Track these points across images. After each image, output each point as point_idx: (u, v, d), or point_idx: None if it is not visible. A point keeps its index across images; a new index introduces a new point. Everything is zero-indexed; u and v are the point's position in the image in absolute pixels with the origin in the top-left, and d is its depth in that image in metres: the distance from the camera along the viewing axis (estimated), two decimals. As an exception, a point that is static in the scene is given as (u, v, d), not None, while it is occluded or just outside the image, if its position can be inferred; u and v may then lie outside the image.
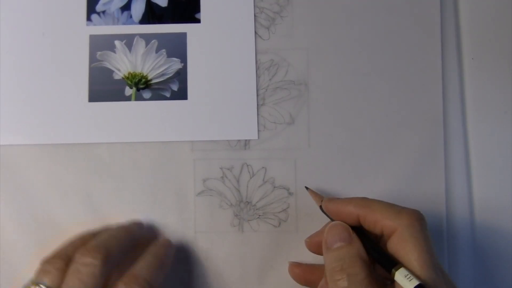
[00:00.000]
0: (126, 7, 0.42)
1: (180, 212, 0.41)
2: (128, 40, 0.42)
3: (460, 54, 0.43)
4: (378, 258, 0.32)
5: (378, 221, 0.33)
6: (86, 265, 0.34)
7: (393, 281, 0.31)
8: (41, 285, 0.34)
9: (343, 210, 0.35)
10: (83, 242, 0.37)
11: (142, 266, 0.36)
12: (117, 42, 0.42)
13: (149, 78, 0.41)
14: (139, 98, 0.41)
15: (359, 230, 0.34)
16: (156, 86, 0.41)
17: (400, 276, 0.30)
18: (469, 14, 0.43)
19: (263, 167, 0.41)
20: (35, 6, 0.42)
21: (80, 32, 0.42)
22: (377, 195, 0.41)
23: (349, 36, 0.42)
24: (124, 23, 0.42)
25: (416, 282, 0.29)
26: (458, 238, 0.41)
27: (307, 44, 0.42)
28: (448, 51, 0.43)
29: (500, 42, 0.43)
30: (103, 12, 0.42)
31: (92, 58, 0.41)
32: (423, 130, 0.42)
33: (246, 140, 0.41)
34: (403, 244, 0.31)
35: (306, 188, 0.40)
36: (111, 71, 0.41)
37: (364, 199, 0.35)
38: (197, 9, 0.42)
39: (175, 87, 0.41)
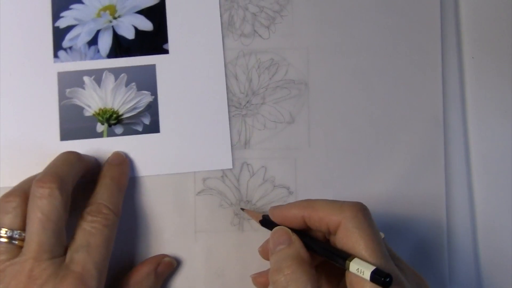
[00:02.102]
0: (93, 42, 0.41)
1: (180, 212, 0.40)
2: (97, 76, 0.41)
3: (460, 54, 0.43)
4: (329, 255, 0.32)
5: (322, 219, 0.33)
6: (44, 197, 0.33)
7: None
8: (2, 229, 0.33)
9: (288, 214, 0.35)
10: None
11: (102, 192, 0.36)
12: (86, 78, 0.41)
13: (120, 113, 0.41)
14: (111, 134, 0.40)
15: (305, 233, 0.34)
16: (127, 121, 0.41)
17: (355, 265, 0.30)
18: (469, 14, 0.43)
19: (263, 166, 0.41)
20: (0, 46, 0.40)
21: (48, 70, 0.40)
22: (377, 194, 0.41)
23: (349, 35, 0.42)
24: (92, 58, 0.41)
25: (372, 267, 0.29)
26: (458, 238, 0.41)
27: (307, 43, 0.42)
28: (448, 51, 0.43)
29: (500, 42, 0.43)
30: (70, 48, 0.41)
31: (62, 96, 0.40)
32: (423, 130, 0.42)
33: (246, 139, 0.41)
34: (349, 236, 0.31)
35: (242, 209, 0.40)
36: (82, 108, 0.41)
37: (307, 200, 0.34)
38: (165, 40, 0.41)
39: (147, 121, 0.41)
